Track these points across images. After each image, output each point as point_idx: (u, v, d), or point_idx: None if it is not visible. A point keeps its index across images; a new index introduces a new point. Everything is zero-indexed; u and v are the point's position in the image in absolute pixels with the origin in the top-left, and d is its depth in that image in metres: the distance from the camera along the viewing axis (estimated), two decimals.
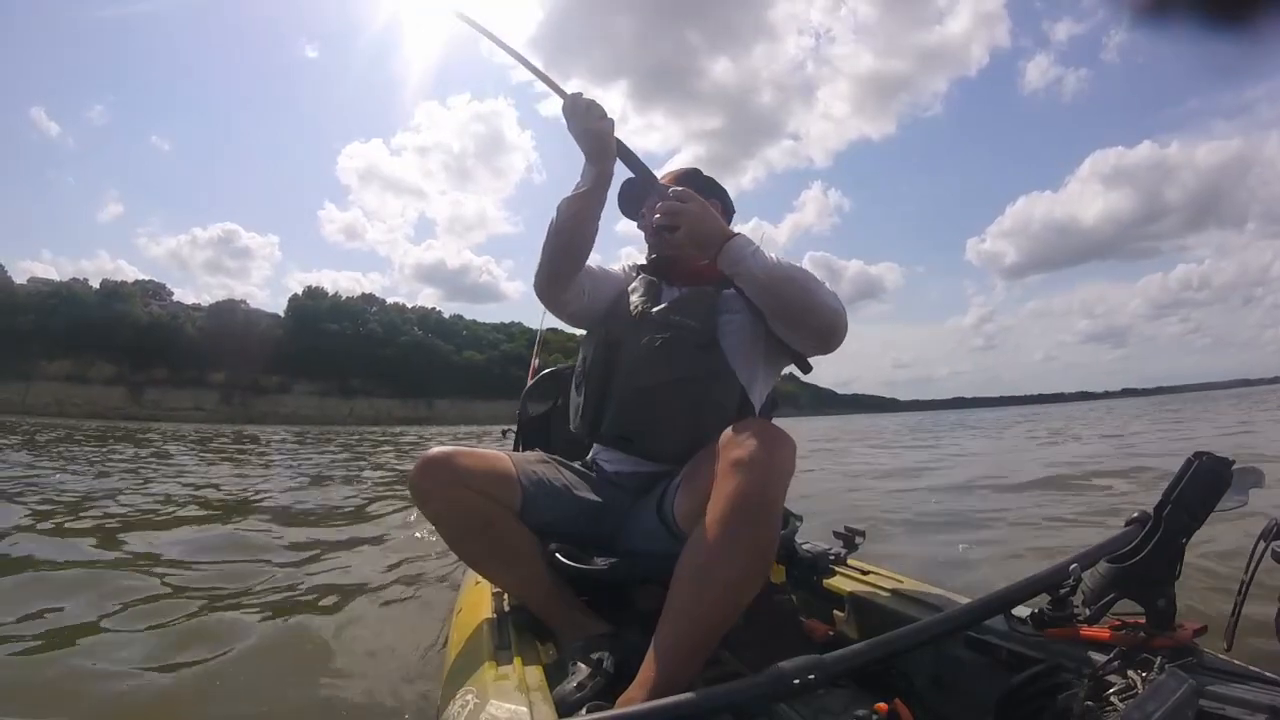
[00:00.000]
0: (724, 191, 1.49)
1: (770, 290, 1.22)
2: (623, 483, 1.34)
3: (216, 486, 6.39)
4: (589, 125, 1.29)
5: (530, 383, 2.02)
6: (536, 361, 2.46)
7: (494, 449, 1.42)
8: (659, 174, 1.45)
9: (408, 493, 1.24)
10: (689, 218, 1.22)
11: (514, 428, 2.02)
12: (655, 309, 1.36)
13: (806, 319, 1.24)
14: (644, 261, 1.49)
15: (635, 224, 1.45)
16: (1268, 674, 0.78)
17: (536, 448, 1.47)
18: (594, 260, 1.44)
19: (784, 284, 1.21)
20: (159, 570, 2.87)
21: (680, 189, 1.26)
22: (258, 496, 5.79)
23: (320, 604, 2.49)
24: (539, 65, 1.32)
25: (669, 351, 1.29)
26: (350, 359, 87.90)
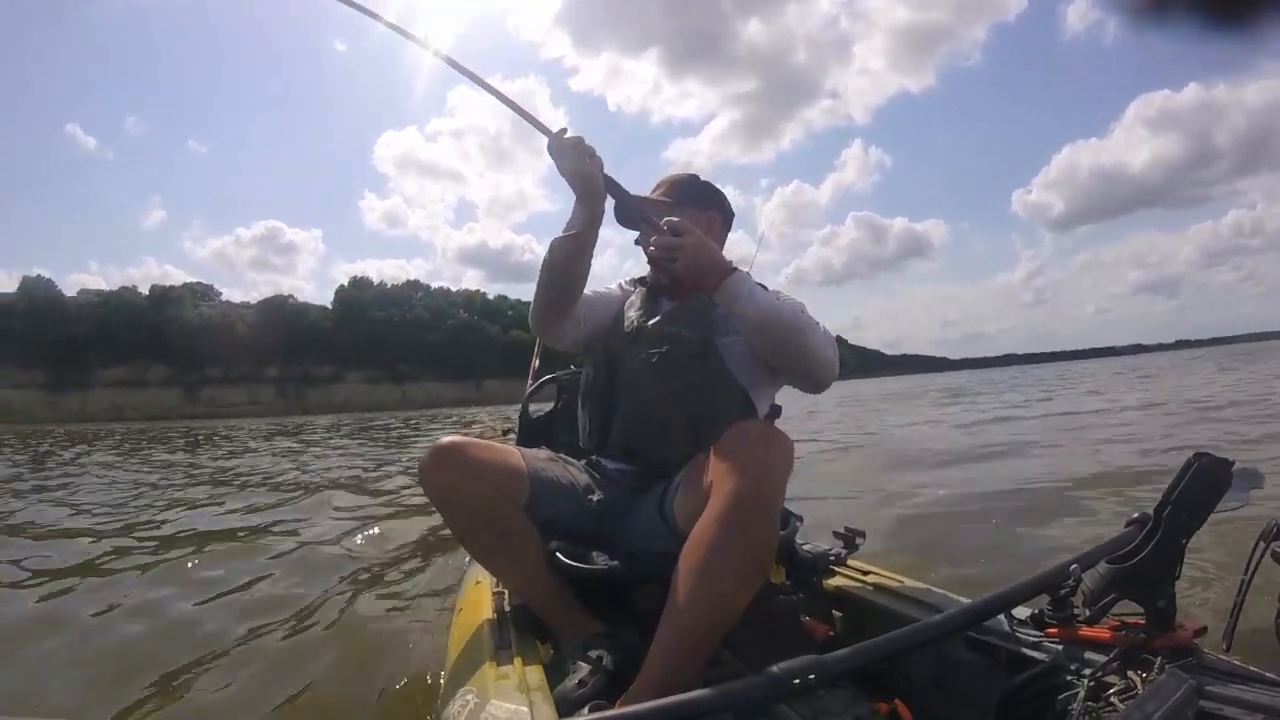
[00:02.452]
0: (723, 198, 1.48)
1: (763, 331, 1.22)
2: (624, 480, 1.35)
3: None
4: (577, 166, 1.26)
5: (531, 386, 2.03)
6: (537, 363, 2.44)
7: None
8: (661, 184, 1.45)
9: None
10: (686, 251, 1.21)
11: (513, 429, 2.03)
12: (651, 322, 1.37)
13: (796, 362, 1.25)
14: (642, 274, 1.49)
15: (634, 236, 1.42)
16: (1268, 674, 0.77)
17: (542, 446, 1.47)
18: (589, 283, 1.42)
19: (777, 327, 1.21)
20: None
21: (676, 220, 1.24)
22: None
23: (320, 601, 2.51)
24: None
25: (666, 364, 1.30)
26: (398, 345, 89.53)
